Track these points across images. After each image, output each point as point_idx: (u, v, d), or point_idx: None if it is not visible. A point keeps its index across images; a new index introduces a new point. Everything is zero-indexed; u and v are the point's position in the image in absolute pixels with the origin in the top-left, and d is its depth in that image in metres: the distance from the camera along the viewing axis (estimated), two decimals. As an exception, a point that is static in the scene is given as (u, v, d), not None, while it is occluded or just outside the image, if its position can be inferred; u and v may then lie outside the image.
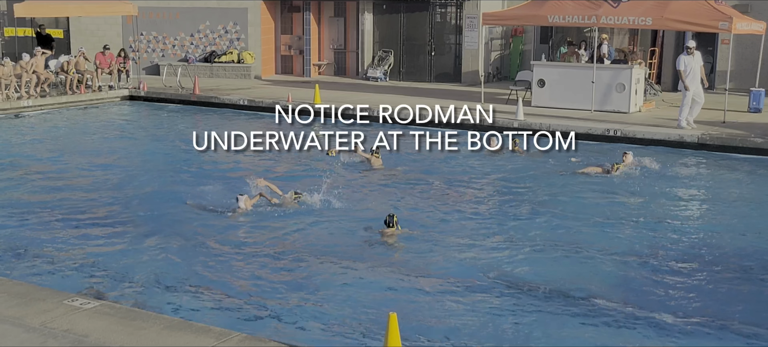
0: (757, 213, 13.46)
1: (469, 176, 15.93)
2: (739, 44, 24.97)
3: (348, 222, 12.51)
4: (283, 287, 9.76)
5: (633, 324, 8.61)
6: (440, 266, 10.54)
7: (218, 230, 12.02)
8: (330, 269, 10.40)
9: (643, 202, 13.92)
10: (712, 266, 10.65)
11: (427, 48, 30.11)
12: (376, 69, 30.07)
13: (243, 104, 24.79)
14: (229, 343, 6.74)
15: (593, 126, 19.66)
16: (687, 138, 18.45)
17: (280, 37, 32.48)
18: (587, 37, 25.04)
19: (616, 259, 10.77)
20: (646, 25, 21.43)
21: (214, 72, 30.95)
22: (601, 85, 21.77)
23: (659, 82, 26.59)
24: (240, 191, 13.13)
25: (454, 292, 9.54)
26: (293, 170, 16.44)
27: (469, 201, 14.04)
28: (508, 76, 29.52)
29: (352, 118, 22.18)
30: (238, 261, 10.69)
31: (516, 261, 10.59)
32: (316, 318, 8.81)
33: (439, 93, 26.12)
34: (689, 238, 11.95)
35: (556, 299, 9.21)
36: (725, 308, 9.21)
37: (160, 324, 7.17)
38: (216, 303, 9.13)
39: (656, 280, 10.02)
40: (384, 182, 15.30)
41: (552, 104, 22.36)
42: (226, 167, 16.65)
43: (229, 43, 31.64)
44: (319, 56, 32.09)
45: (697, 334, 8.43)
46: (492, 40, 29.23)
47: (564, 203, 13.79)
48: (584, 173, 15.74)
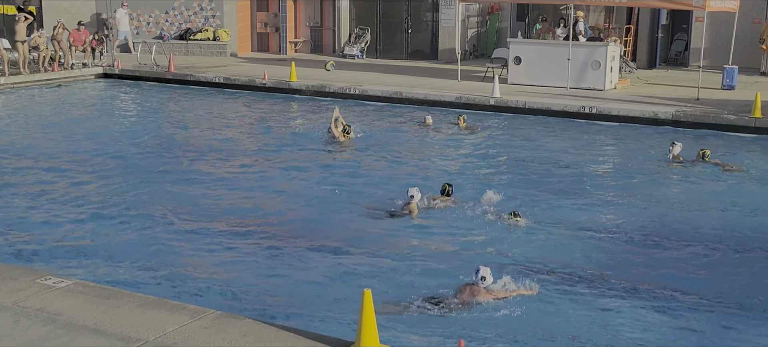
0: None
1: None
2: (713, 22, 25.11)
3: (320, 200, 12.51)
4: (259, 265, 9.76)
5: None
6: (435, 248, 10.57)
7: (194, 208, 11.99)
8: (307, 246, 10.39)
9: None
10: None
11: (404, 25, 30.06)
12: (352, 46, 29.99)
13: (219, 82, 24.66)
14: (204, 320, 6.74)
15: (569, 103, 19.73)
16: (661, 115, 18.56)
17: (256, 14, 32.30)
18: (564, 15, 25.08)
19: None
20: (622, 3, 21.52)
21: (190, 49, 30.75)
22: (577, 62, 21.85)
23: (634, 60, 26.71)
24: (232, 174, 13.09)
25: (430, 272, 9.57)
26: (282, 149, 16.37)
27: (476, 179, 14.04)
28: (484, 54, 29.56)
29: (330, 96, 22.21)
30: (213, 239, 10.65)
31: (516, 242, 10.56)
32: (292, 295, 8.82)
33: (416, 70, 26.11)
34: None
35: (561, 284, 9.17)
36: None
37: (134, 301, 7.14)
38: (190, 281, 9.11)
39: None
40: (356, 160, 15.30)
41: (528, 81, 22.42)
42: (203, 145, 16.58)
43: (205, 21, 31.42)
44: (296, 34, 31.95)
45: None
46: (468, 18, 29.21)
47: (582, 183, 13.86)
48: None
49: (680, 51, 28.08)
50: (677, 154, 14.97)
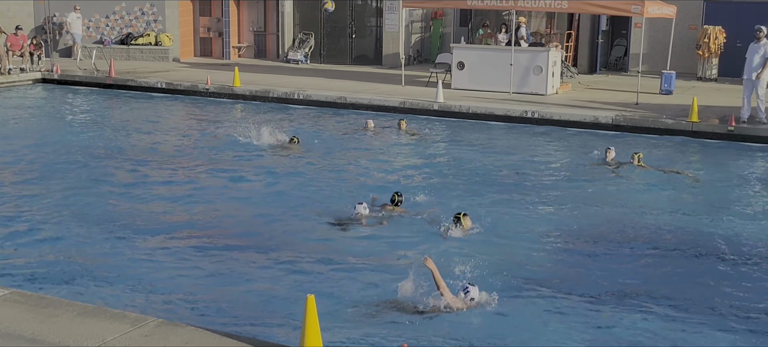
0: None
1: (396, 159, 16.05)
2: (652, 28, 25.62)
3: (264, 206, 12.45)
4: (202, 272, 9.65)
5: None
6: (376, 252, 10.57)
7: (135, 215, 11.82)
8: (252, 253, 10.31)
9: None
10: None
11: (348, 30, 30.06)
12: (296, 51, 29.90)
13: (161, 87, 24.38)
14: (145, 328, 6.65)
15: (512, 108, 19.94)
16: (602, 119, 18.86)
17: (198, 19, 32.01)
18: (506, 20, 25.34)
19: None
20: (562, 9, 21.78)
21: (131, 54, 30.35)
22: (519, 67, 22.08)
23: (575, 65, 27.12)
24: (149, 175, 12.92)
25: (379, 278, 9.58)
26: (220, 157, 16.24)
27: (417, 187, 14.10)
28: (428, 59, 29.71)
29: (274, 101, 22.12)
30: (155, 245, 10.51)
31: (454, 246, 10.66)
32: (236, 301, 8.75)
33: (360, 75, 26.14)
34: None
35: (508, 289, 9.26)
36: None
37: (73, 310, 7.02)
38: (132, 289, 8.98)
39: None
40: (303, 167, 15.25)
41: (471, 86, 22.59)
42: (145, 151, 16.37)
43: (146, 25, 31.05)
44: (239, 39, 31.74)
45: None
46: (412, 23, 29.35)
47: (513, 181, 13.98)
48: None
49: (620, 56, 28.58)
50: (613, 158, 15.22)
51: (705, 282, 9.56)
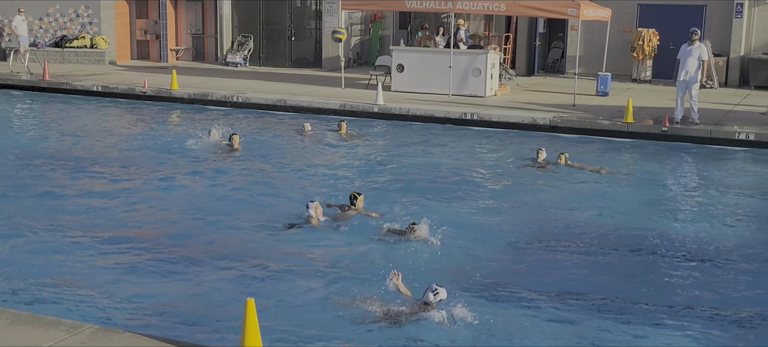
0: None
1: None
2: (588, 31, 26.02)
3: (203, 210, 12.32)
4: (140, 277, 9.50)
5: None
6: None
7: (71, 220, 11.60)
8: (191, 257, 10.19)
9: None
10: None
11: (288, 33, 29.94)
12: (235, 54, 29.68)
13: (97, 91, 23.96)
14: (81, 335, 6.53)
15: (451, 110, 20.07)
16: (540, 121, 19.10)
17: (135, 21, 31.55)
18: (444, 23, 25.50)
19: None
20: (500, 11, 22.01)
21: (66, 57, 29.78)
22: (458, 70, 22.24)
23: (513, 67, 27.42)
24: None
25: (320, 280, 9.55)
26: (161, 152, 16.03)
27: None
28: (368, 62, 29.74)
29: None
30: (92, 251, 10.32)
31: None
32: (175, 306, 8.64)
33: (300, 78, 26.05)
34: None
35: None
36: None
37: (5, 318, 6.85)
38: (67, 296, 8.80)
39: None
40: (239, 167, 15.15)
41: (411, 88, 22.68)
42: (81, 155, 16.07)
43: (81, 28, 30.50)
44: (177, 41, 31.37)
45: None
46: (352, 26, 29.34)
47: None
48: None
49: (557, 59, 28.98)
50: (544, 159, 15.42)
51: (639, 278, 9.74)
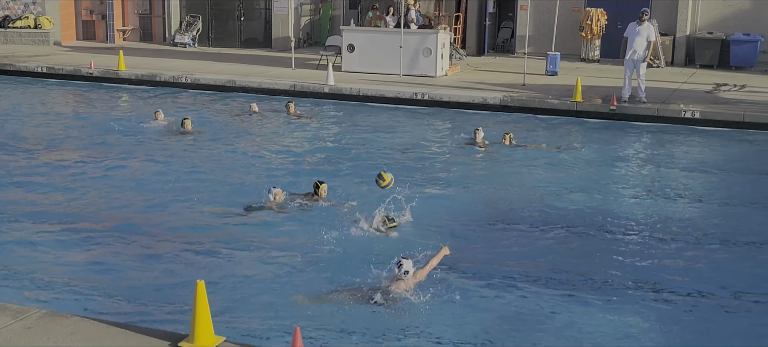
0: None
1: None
2: (537, 10, 26.17)
3: (153, 193, 12.18)
4: (89, 261, 9.38)
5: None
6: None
7: (17, 204, 11.39)
8: (141, 241, 10.07)
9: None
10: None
11: (237, 13, 29.65)
12: (183, 35, 29.31)
13: (41, 72, 23.50)
14: (27, 320, 6.42)
15: (402, 90, 20.07)
16: (490, 100, 19.20)
17: (80, 1, 30.94)
18: (394, 3, 25.45)
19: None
20: (451, -9, 22.03)
21: (9, 38, 29.15)
22: (409, 49, 22.23)
23: (464, 47, 27.48)
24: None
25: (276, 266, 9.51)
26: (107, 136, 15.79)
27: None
28: (318, 42, 29.58)
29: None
30: (39, 235, 10.15)
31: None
32: (125, 290, 8.53)
33: (249, 59, 25.83)
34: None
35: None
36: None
37: (-51, 305, 6.72)
38: (13, 280, 8.65)
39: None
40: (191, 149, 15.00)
41: (362, 68, 22.62)
42: (26, 139, 15.77)
43: (25, 8, 29.85)
44: (124, 22, 30.87)
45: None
46: (302, 6, 29.15)
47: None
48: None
49: (507, 39, 29.12)
50: (482, 139, 15.49)
51: (585, 255, 9.89)
